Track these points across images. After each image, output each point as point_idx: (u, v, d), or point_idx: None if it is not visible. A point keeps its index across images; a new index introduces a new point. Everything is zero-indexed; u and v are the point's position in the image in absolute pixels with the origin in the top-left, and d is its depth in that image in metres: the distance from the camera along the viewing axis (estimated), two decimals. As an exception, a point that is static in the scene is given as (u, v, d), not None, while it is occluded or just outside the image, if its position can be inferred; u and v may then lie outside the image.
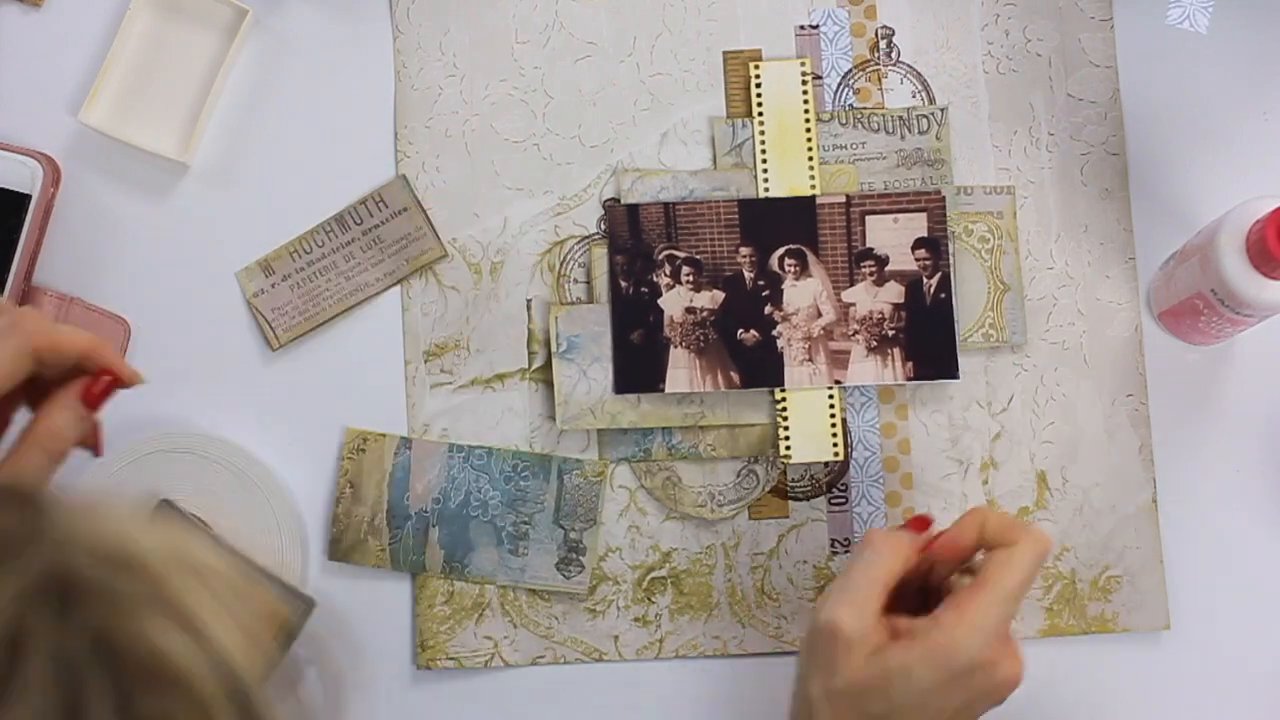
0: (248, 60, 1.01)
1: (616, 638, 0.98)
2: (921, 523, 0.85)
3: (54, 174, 0.99)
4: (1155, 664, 0.98)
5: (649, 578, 0.99)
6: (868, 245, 0.99)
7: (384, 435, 0.97)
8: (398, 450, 0.98)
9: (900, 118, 1.01)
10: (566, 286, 1.00)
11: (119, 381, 0.78)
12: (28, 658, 0.41)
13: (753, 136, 1.01)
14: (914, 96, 1.02)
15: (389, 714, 0.98)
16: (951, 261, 0.99)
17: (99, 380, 0.78)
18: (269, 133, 1.02)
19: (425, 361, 1.00)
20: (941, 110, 1.01)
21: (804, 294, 0.99)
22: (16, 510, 0.44)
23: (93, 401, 0.78)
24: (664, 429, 0.99)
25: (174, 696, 0.44)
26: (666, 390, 0.98)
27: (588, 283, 1.00)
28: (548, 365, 1.00)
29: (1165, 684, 0.98)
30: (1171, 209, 1.01)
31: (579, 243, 1.01)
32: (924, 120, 1.01)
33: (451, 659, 0.98)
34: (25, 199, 0.98)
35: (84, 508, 0.46)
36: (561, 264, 1.00)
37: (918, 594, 0.84)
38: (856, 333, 0.99)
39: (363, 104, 1.02)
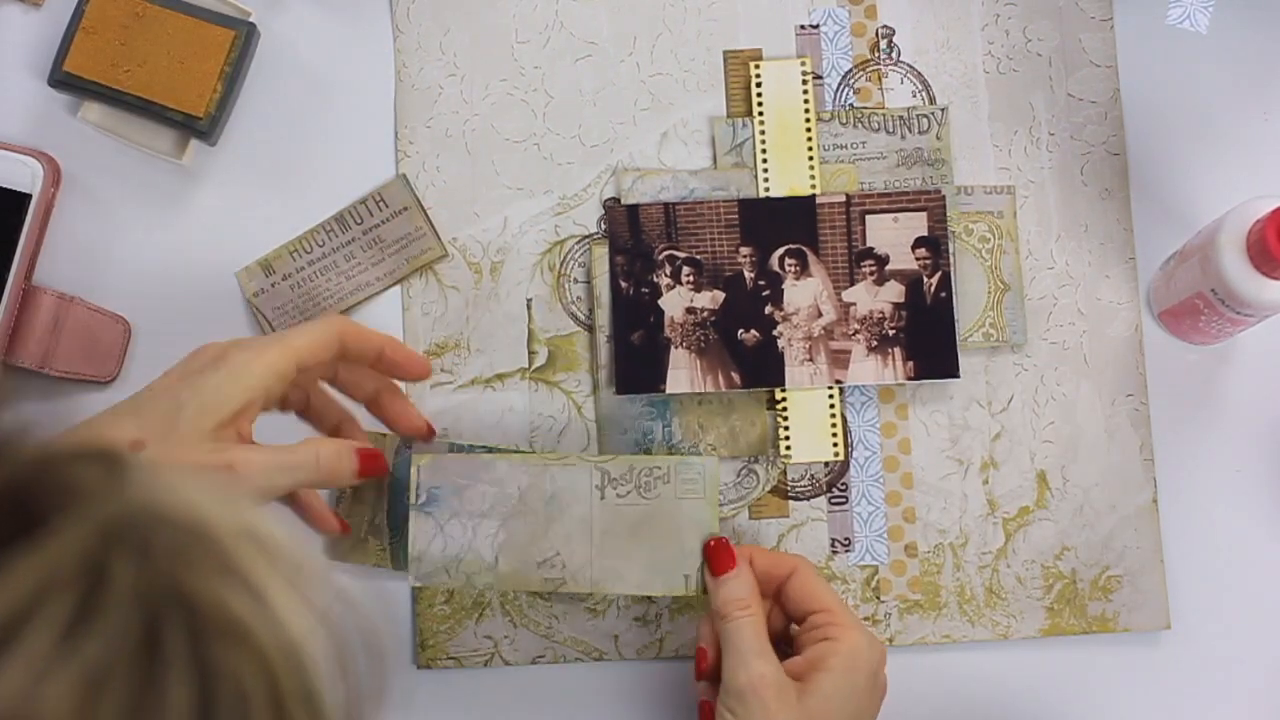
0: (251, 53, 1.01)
1: (616, 637, 0.98)
2: (725, 552, 0.90)
3: (54, 174, 0.99)
4: (1155, 664, 0.98)
5: (649, 577, 0.99)
6: (868, 245, 0.99)
7: (384, 434, 0.97)
8: (398, 450, 0.98)
9: (900, 117, 1.01)
10: (567, 286, 1.00)
11: (385, 468, 0.89)
12: (110, 587, 0.43)
13: (753, 136, 1.01)
14: (914, 96, 1.02)
15: (389, 713, 0.98)
16: (952, 261, 0.99)
17: (378, 460, 0.87)
18: (269, 132, 1.02)
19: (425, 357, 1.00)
20: (942, 110, 1.01)
21: (804, 294, 0.99)
22: (103, 466, 0.46)
23: (364, 469, 0.86)
24: (649, 442, 0.99)
25: (242, 655, 0.45)
26: (668, 391, 0.98)
27: (588, 282, 1.00)
28: (548, 365, 1.00)
29: (1165, 684, 0.98)
30: (1172, 209, 1.01)
31: (579, 242, 1.01)
32: (924, 120, 1.01)
33: (452, 658, 0.98)
34: (25, 199, 0.98)
35: (163, 475, 0.47)
36: (562, 263, 1.00)
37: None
38: (857, 332, 0.99)
39: (363, 104, 1.02)
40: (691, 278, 0.99)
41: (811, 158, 1.00)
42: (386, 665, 0.53)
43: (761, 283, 0.99)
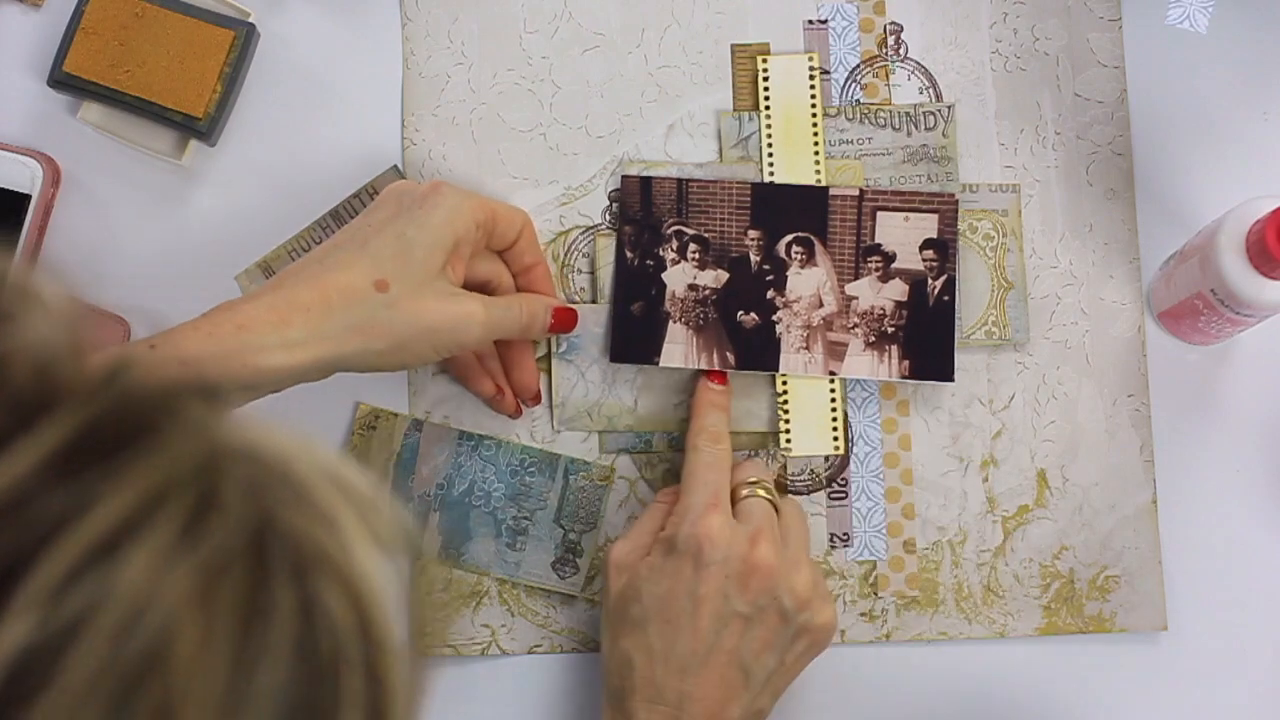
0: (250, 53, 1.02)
1: (614, 628, 0.98)
2: (715, 378, 0.97)
3: (54, 174, 0.99)
4: (1152, 664, 0.98)
5: (647, 569, 0.99)
6: (876, 240, 0.99)
7: (396, 415, 0.98)
8: (408, 432, 0.98)
9: (907, 114, 1.01)
10: (570, 277, 1.00)
11: (573, 324, 0.97)
12: (221, 497, 0.45)
13: (759, 130, 1.01)
14: (921, 93, 1.02)
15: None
16: (957, 259, 0.99)
17: (571, 317, 0.97)
18: (269, 132, 1.02)
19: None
20: (949, 107, 1.01)
21: (808, 282, 0.99)
22: (205, 399, 0.48)
23: (557, 323, 0.96)
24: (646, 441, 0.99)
25: (333, 586, 0.47)
26: (661, 364, 0.98)
27: (591, 273, 1.00)
28: (550, 354, 1.00)
29: (1161, 684, 0.98)
30: (1172, 209, 1.01)
31: (583, 233, 1.01)
32: (931, 117, 1.01)
33: (449, 647, 0.98)
34: (25, 199, 0.98)
35: (253, 416, 0.50)
36: (566, 254, 1.01)
37: None
38: (856, 326, 0.99)
39: (364, 101, 1.02)
40: (697, 255, 0.99)
41: (817, 153, 1.00)
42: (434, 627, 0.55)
43: (766, 267, 0.99)
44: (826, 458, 0.99)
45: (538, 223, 1.01)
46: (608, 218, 1.01)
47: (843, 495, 0.99)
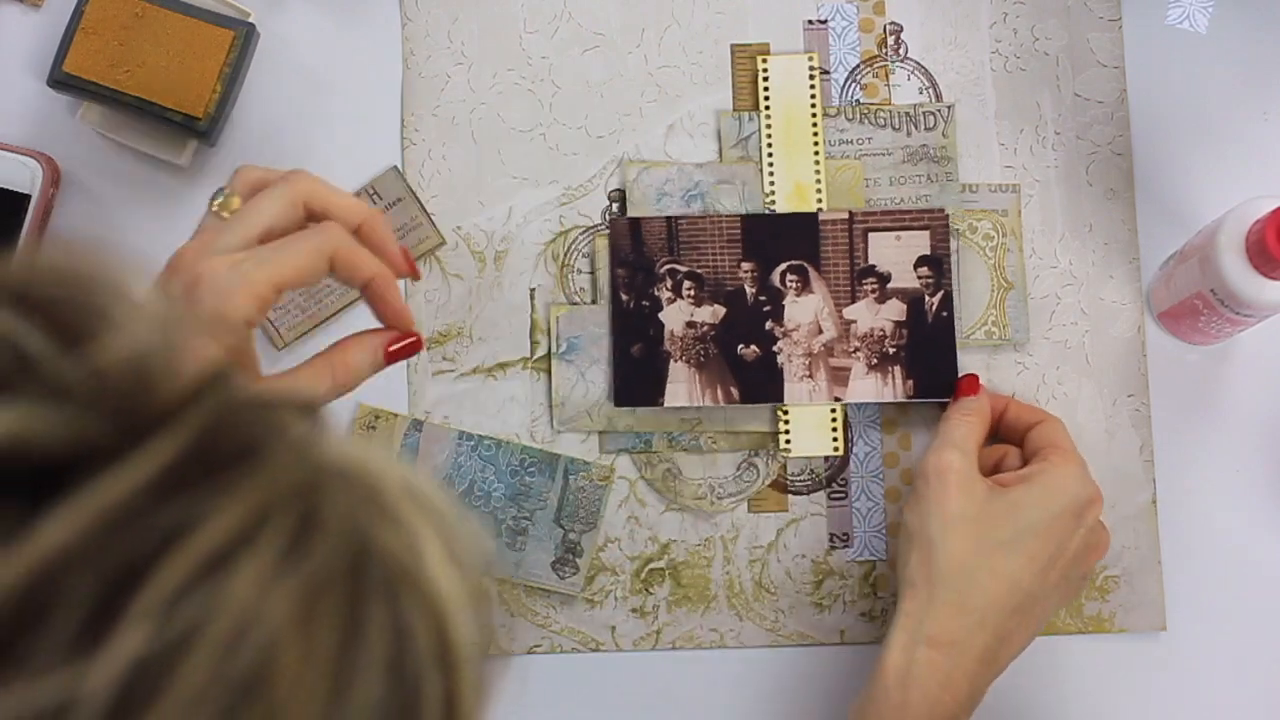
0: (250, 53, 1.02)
1: (613, 628, 0.98)
2: (973, 381, 0.96)
3: (54, 174, 0.99)
4: (1151, 664, 0.98)
5: (647, 569, 0.99)
6: (870, 262, 0.99)
7: (396, 415, 0.98)
8: (408, 432, 0.98)
9: (907, 114, 1.01)
10: (570, 277, 1.00)
11: (419, 345, 0.82)
12: (320, 516, 0.45)
13: (759, 130, 1.01)
14: (921, 93, 1.02)
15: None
16: (956, 261, 0.99)
17: (404, 342, 0.82)
18: (269, 132, 1.02)
19: (428, 349, 1.00)
20: (948, 107, 1.01)
21: (805, 310, 0.99)
22: (305, 416, 0.48)
23: (389, 358, 0.81)
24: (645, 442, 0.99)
25: (418, 607, 0.47)
26: (666, 404, 0.98)
27: (591, 273, 1.00)
28: (550, 354, 1.00)
29: (1160, 685, 0.98)
30: (1171, 209, 1.01)
31: (583, 233, 1.01)
32: (931, 117, 1.01)
33: (448, 646, 0.98)
34: (25, 199, 0.98)
35: (339, 431, 0.50)
36: (566, 254, 1.01)
37: None
38: (857, 350, 0.98)
39: (364, 101, 1.02)
40: (692, 292, 0.99)
41: (817, 153, 1.00)
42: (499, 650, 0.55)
43: (762, 298, 0.99)
44: (826, 458, 0.99)
45: (538, 222, 1.00)
46: (607, 218, 1.01)
47: (842, 495, 0.99)
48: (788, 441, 0.98)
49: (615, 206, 1.01)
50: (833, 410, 0.98)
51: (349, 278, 0.80)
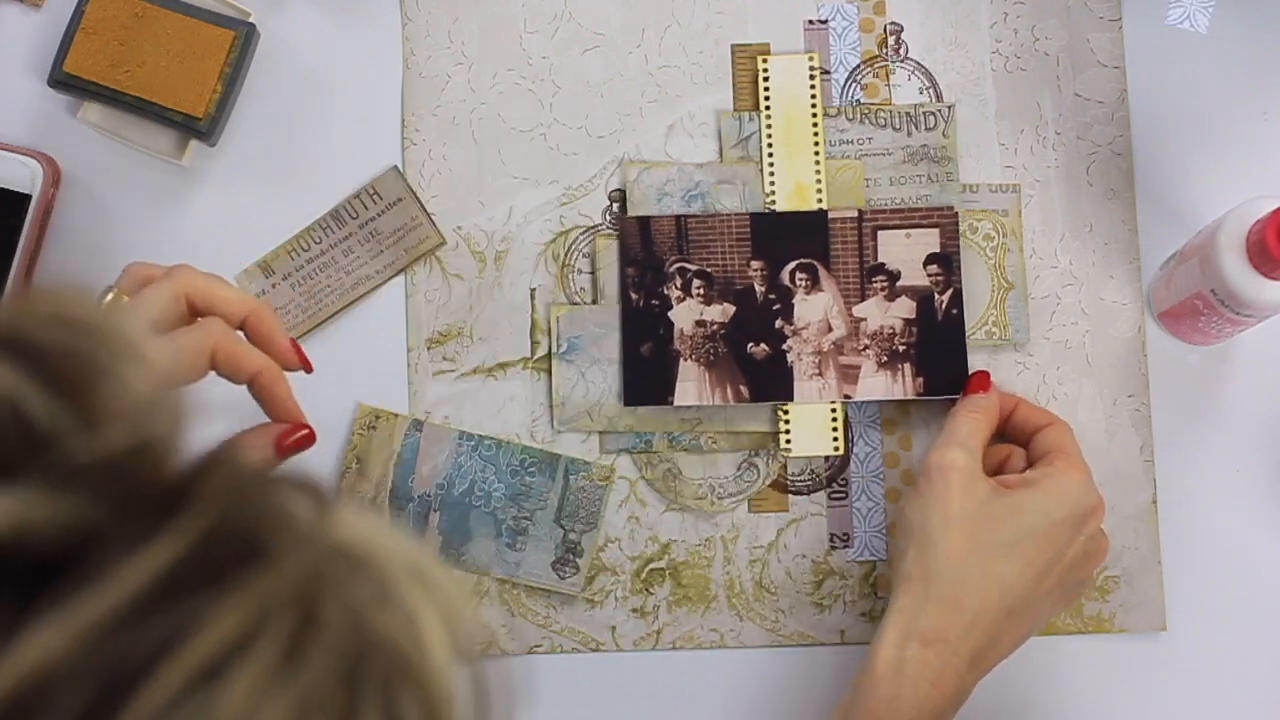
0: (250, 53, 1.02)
1: (614, 628, 0.98)
2: (984, 378, 0.95)
3: (54, 174, 0.99)
4: (1150, 665, 0.98)
5: (647, 569, 0.99)
6: (879, 260, 0.99)
7: (396, 415, 0.98)
8: (408, 432, 0.98)
9: (907, 114, 1.01)
10: (570, 277, 1.00)
11: (311, 438, 0.82)
12: (319, 620, 0.44)
13: (759, 130, 1.01)
14: (921, 93, 1.02)
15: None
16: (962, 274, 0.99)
17: (295, 435, 0.81)
18: (269, 132, 1.02)
19: (428, 349, 1.00)
20: (949, 107, 1.01)
21: (815, 308, 0.99)
22: (313, 499, 0.47)
23: (283, 452, 0.81)
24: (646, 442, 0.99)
25: (414, 699, 0.46)
26: (676, 403, 0.98)
27: (592, 273, 1.00)
28: (551, 354, 1.00)
29: (1161, 685, 0.98)
30: (1171, 209, 1.01)
31: (584, 233, 1.01)
32: (931, 117, 1.01)
33: (449, 646, 0.98)
34: (25, 199, 0.98)
35: (344, 504, 0.48)
36: (566, 254, 1.01)
37: None
38: (867, 348, 0.98)
39: (364, 101, 1.02)
40: (702, 291, 0.99)
41: (817, 153, 1.00)
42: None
43: (772, 297, 0.99)
44: (827, 458, 0.99)
45: (539, 222, 1.00)
46: (608, 218, 1.01)
47: (843, 495, 0.99)
48: (788, 441, 0.98)
49: (615, 206, 1.01)
50: (833, 411, 0.98)
51: (232, 374, 0.79)
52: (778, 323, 0.99)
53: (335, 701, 0.44)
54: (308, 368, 0.84)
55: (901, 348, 0.98)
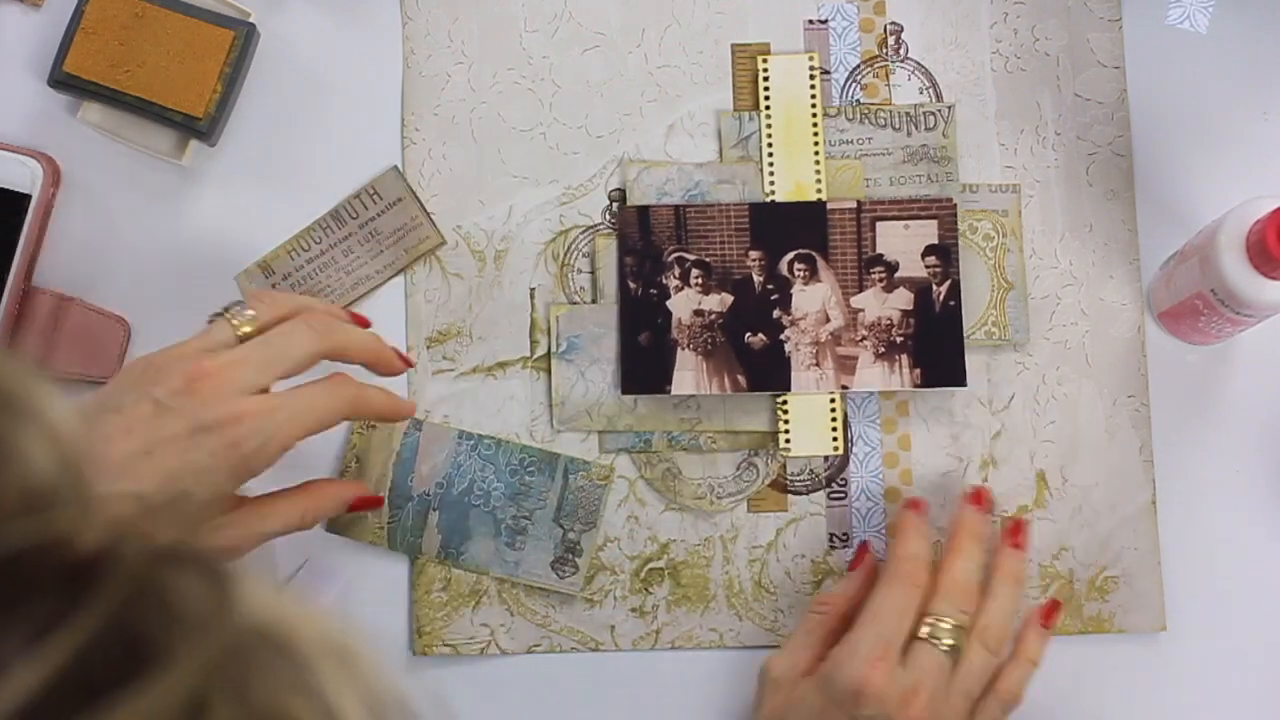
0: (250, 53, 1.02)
1: (613, 628, 0.98)
2: (916, 505, 0.94)
3: (54, 174, 0.99)
4: (1150, 665, 0.98)
5: (647, 569, 0.99)
6: (878, 251, 0.99)
7: (395, 413, 0.98)
8: (407, 431, 0.98)
9: (907, 114, 1.01)
10: (570, 276, 1.00)
11: (380, 503, 0.97)
12: (218, 711, 0.41)
13: (759, 130, 1.01)
14: (921, 93, 1.02)
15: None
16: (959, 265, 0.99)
17: (370, 499, 0.94)
18: (269, 132, 1.02)
19: (428, 348, 1.00)
20: (949, 108, 1.01)
21: (813, 299, 0.99)
22: (207, 582, 0.43)
23: (352, 510, 0.93)
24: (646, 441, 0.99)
25: None
26: (673, 392, 0.98)
27: (592, 273, 1.00)
28: (550, 354, 1.00)
29: (1161, 685, 0.98)
30: (1171, 209, 1.01)
31: (583, 233, 1.01)
32: (931, 117, 1.01)
33: (448, 645, 0.98)
34: (25, 199, 0.98)
35: (254, 582, 0.45)
36: (566, 253, 1.01)
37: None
38: (865, 338, 0.98)
39: (364, 101, 1.02)
40: (700, 280, 0.99)
41: (817, 153, 1.00)
42: None
43: (770, 287, 0.99)
44: (826, 458, 0.99)
45: (538, 222, 1.01)
46: (608, 217, 1.01)
47: (842, 495, 0.99)
48: (787, 441, 0.98)
49: (615, 206, 1.01)
50: (833, 410, 0.98)
51: (362, 417, 0.92)
52: (775, 313, 0.99)
53: None
54: (411, 364, 0.96)
55: (899, 339, 0.98)
